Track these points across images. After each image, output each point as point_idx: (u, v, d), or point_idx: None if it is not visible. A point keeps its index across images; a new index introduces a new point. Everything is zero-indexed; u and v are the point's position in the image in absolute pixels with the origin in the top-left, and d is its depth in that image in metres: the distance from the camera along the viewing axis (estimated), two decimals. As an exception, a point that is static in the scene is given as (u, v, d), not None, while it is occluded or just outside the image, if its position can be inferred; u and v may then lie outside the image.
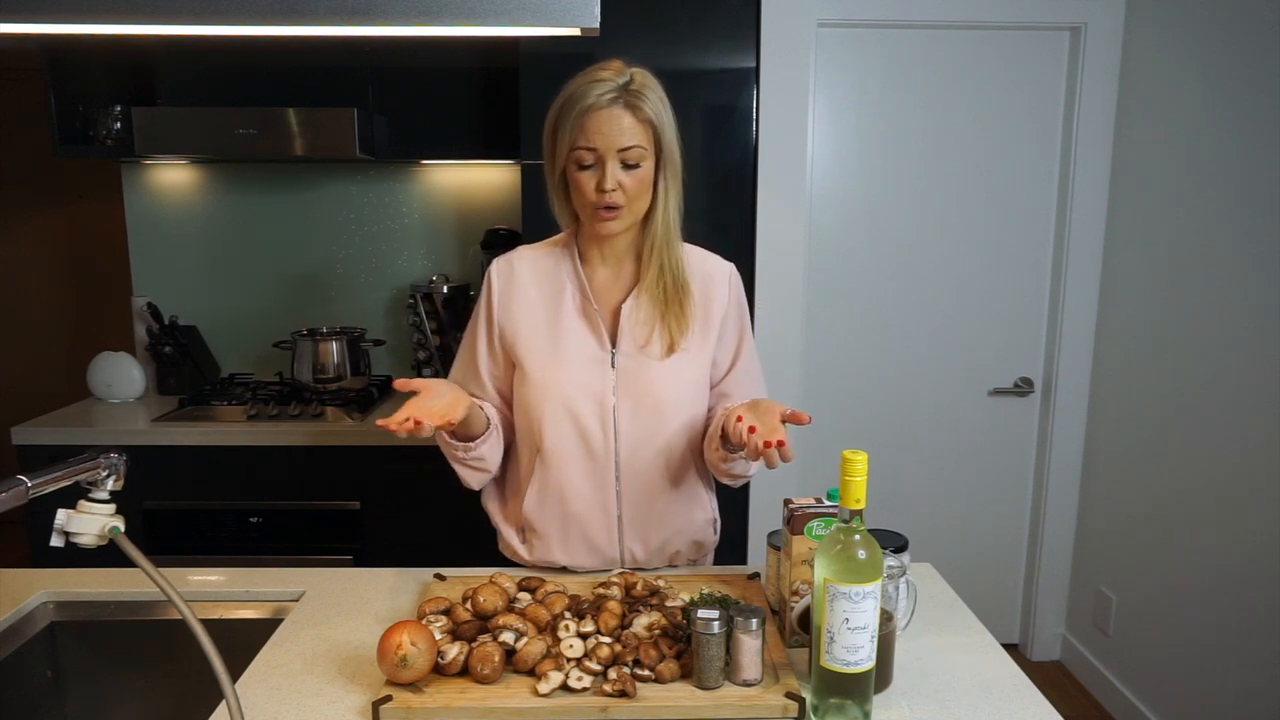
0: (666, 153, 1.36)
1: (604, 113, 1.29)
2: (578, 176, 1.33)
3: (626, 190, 1.33)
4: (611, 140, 1.30)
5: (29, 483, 0.96)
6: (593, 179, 1.32)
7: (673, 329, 1.41)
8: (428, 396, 1.27)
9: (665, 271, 1.41)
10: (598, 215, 1.35)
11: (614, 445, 1.42)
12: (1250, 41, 2.16)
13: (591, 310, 1.42)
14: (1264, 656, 2.10)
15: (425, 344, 2.81)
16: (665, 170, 1.37)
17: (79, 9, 1.10)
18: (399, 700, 1.06)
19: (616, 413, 1.41)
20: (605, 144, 1.30)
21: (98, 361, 2.72)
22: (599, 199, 1.33)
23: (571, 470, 1.42)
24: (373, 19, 1.12)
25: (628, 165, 1.32)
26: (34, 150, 3.75)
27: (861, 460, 1.02)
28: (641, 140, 1.32)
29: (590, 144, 1.30)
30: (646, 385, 1.41)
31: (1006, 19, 2.65)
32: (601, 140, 1.30)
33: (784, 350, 2.74)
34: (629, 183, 1.33)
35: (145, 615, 1.40)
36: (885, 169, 2.78)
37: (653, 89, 1.34)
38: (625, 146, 1.30)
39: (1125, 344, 2.67)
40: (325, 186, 2.93)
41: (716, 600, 1.21)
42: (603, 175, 1.31)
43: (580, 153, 1.31)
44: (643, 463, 1.43)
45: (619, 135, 1.30)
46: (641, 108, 1.31)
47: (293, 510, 2.46)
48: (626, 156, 1.31)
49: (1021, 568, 3.03)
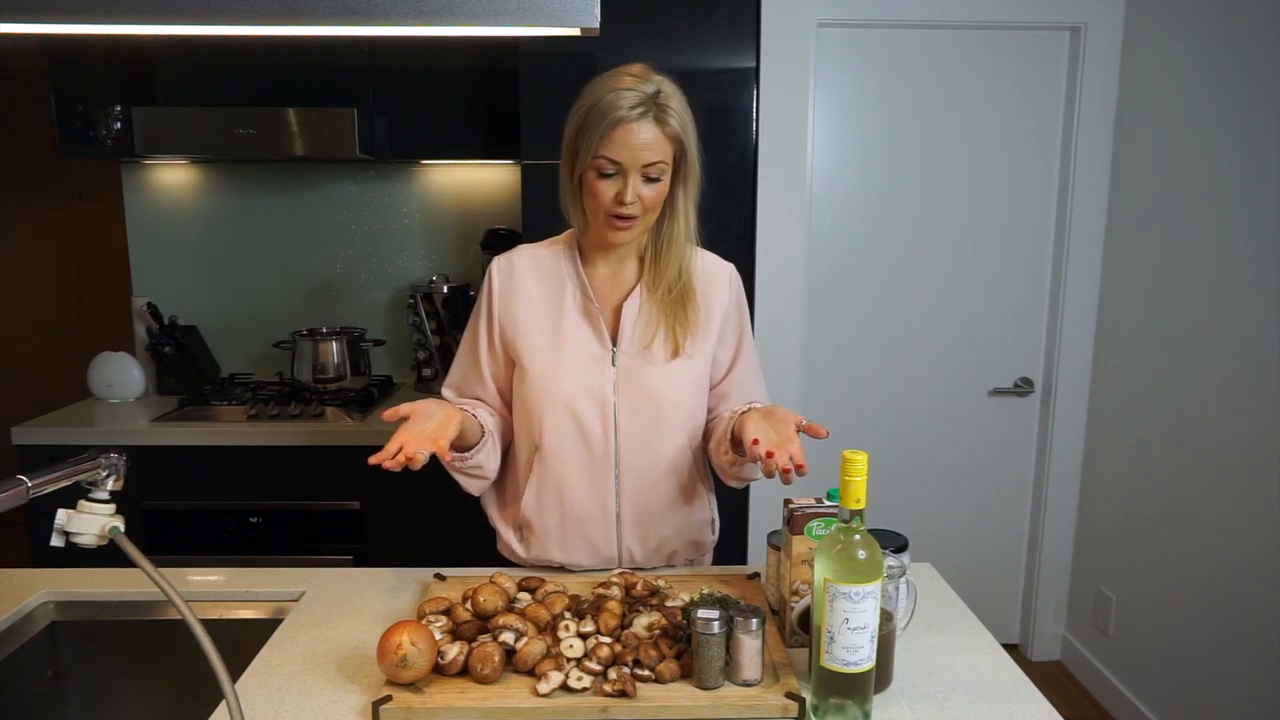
0: (688, 165, 1.36)
1: (632, 126, 1.29)
2: (597, 184, 1.33)
3: (644, 203, 1.33)
4: (637, 155, 1.30)
5: (29, 483, 0.96)
6: (612, 188, 1.32)
7: (678, 334, 1.42)
8: (417, 420, 1.26)
9: (676, 283, 1.41)
10: (611, 224, 1.35)
11: (614, 444, 1.42)
12: (1250, 42, 2.16)
13: (592, 309, 1.42)
14: (1264, 656, 2.10)
15: (425, 344, 2.81)
16: (685, 181, 1.37)
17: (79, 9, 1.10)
18: (399, 700, 1.06)
19: (617, 411, 1.41)
20: (630, 158, 1.30)
21: (98, 361, 2.72)
22: (615, 209, 1.33)
23: (570, 469, 1.42)
24: (373, 19, 1.12)
25: (649, 179, 1.33)
26: (34, 150, 3.75)
27: (861, 460, 1.02)
28: (665, 155, 1.32)
29: (615, 156, 1.30)
30: (647, 385, 1.41)
31: (1006, 19, 2.65)
32: (627, 154, 1.30)
33: (784, 350, 2.74)
34: (648, 195, 1.33)
35: (145, 615, 1.40)
36: (885, 169, 2.78)
37: (678, 99, 1.33)
38: (649, 162, 1.31)
39: (1125, 344, 2.67)
40: (325, 186, 2.93)
41: (717, 600, 1.21)
42: (624, 187, 1.31)
43: (603, 162, 1.31)
44: (642, 462, 1.43)
45: (644, 151, 1.30)
46: (668, 122, 1.31)
47: (293, 510, 2.46)
48: (649, 171, 1.31)
49: (1021, 568, 3.03)
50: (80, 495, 1.04)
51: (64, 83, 2.59)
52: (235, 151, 2.51)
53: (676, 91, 1.34)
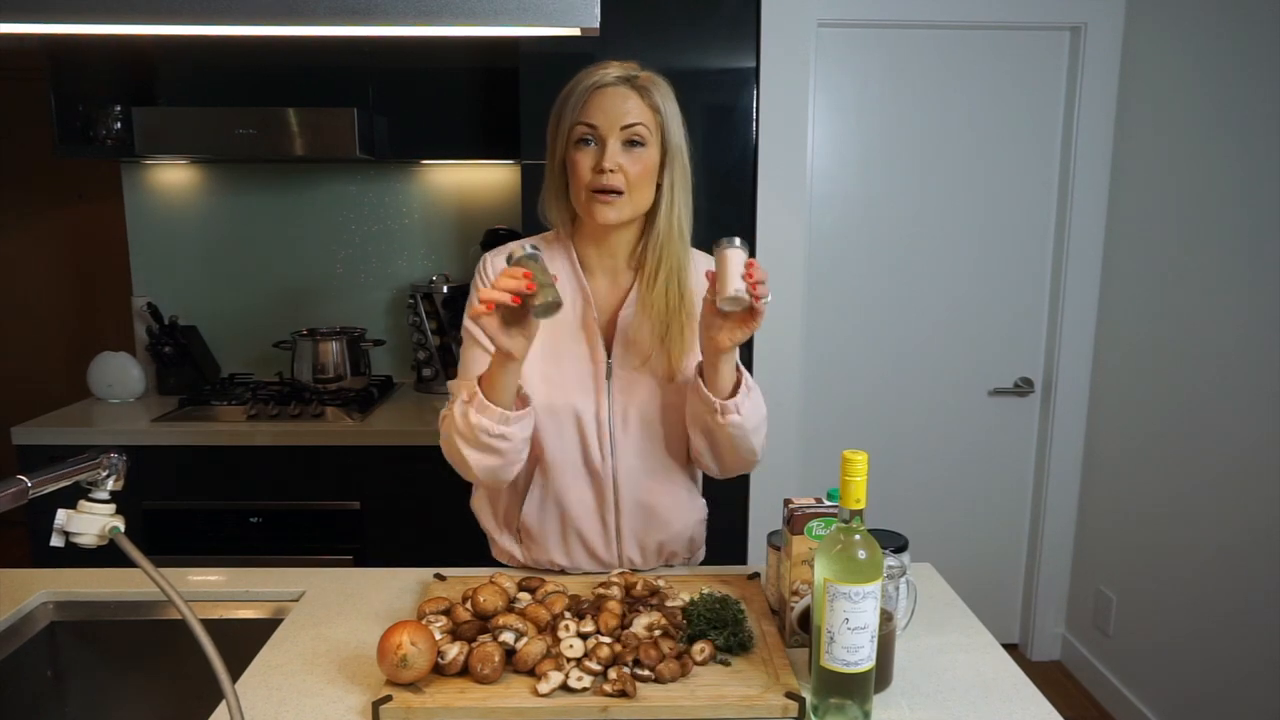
0: (673, 149, 1.31)
1: (609, 90, 1.26)
2: (576, 157, 1.28)
3: (627, 174, 1.27)
4: (614, 117, 1.26)
5: (29, 483, 0.96)
6: (591, 158, 1.27)
7: (673, 352, 1.37)
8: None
9: (671, 281, 1.34)
10: (594, 199, 1.28)
11: (611, 458, 1.40)
12: (1250, 42, 2.16)
13: (591, 319, 1.39)
14: (1263, 656, 2.10)
15: (425, 344, 2.81)
16: (671, 167, 1.32)
17: (79, 9, 1.10)
18: (399, 700, 1.06)
19: (612, 425, 1.39)
20: (607, 121, 1.26)
21: (98, 361, 2.72)
22: (595, 180, 1.27)
23: (570, 481, 1.41)
24: (373, 19, 1.12)
25: (630, 144, 1.27)
26: (34, 150, 3.76)
27: (861, 460, 1.02)
28: (646, 120, 1.28)
29: (591, 120, 1.26)
30: (642, 398, 1.39)
31: (1006, 19, 2.65)
32: (603, 118, 1.26)
33: (784, 350, 2.74)
34: (630, 166, 1.27)
35: (145, 615, 1.39)
36: (885, 169, 2.78)
37: (661, 86, 1.31)
38: (628, 124, 1.26)
39: (1125, 344, 2.67)
40: (325, 186, 2.93)
41: (716, 599, 1.21)
42: (602, 154, 1.26)
43: (580, 128, 1.27)
44: (640, 474, 1.42)
45: (622, 113, 1.26)
46: (649, 92, 1.29)
47: (293, 510, 2.46)
48: (629, 134, 1.27)
49: (1021, 568, 3.03)
50: (80, 495, 1.04)
51: (64, 83, 2.59)
52: (235, 151, 2.51)
53: (662, 82, 1.32)
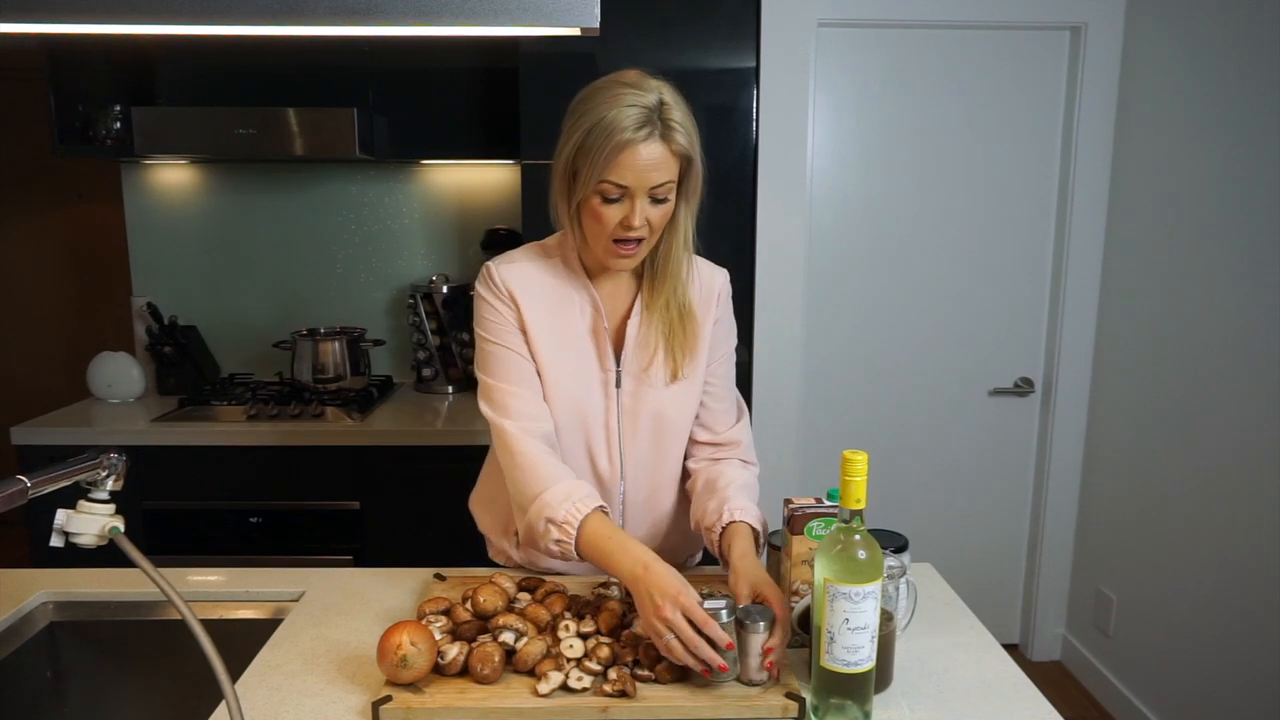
0: (693, 179, 1.30)
1: (639, 149, 1.22)
2: (601, 209, 1.26)
3: (651, 224, 1.28)
4: (644, 178, 1.24)
5: (29, 483, 0.96)
6: (618, 213, 1.25)
7: (676, 357, 1.38)
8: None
9: (674, 299, 1.36)
10: (614, 250, 1.29)
11: (619, 465, 1.41)
12: (1250, 42, 2.16)
13: (601, 328, 1.39)
14: (1264, 656, 2.10)
15: (425, 344, 2.81)
16: (689, 195, 1.32)
17: (79, 9, 1.10)
18: (399, 700, 1.06)
19: (621, 434, 1.40)
20: (637, 181, 1.24)
21: (98, 361, 2.72)
22: (621, 233, 1.27)
23: None
24: (373, 19, 1.12)
25: (655, 200, 1.27)
26: (34, 150, 3.76)
27: (861, 460, 1.02)
28: (672, 174, 1.27)
29: (621, 180, 1.23)
30: (649, 407, 1.40)
31: (1006, 19, 2.65)
32: (634, 178, 1.23)
33: (784, 350, 2.74)
34: (654, 217, 1.28)
35: (145, 615, 1.39)
36: (885, 169, 2.78)
37: (681, 109, 1.26)
38: (657, 184, 1.25)
39: (1125, 344, 2.67)
40: (325, 186, 2.93)
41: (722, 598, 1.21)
42: (631, 211, 1.25)
43: (608, 186, 1.24)
44: (646, 481, 1.43)
45: (652, 172, 1.24)
46: (675, 139, 1.25)
47: (293, 510, 2.46)
48: (656, 193, 1.26)
49: (1021, 568, 3.03)
50: (80, 495, 1.04)
51: (64, 82, 2.59)
52: (235, 151, 2.51)
53: (677, 98, 1.27)
